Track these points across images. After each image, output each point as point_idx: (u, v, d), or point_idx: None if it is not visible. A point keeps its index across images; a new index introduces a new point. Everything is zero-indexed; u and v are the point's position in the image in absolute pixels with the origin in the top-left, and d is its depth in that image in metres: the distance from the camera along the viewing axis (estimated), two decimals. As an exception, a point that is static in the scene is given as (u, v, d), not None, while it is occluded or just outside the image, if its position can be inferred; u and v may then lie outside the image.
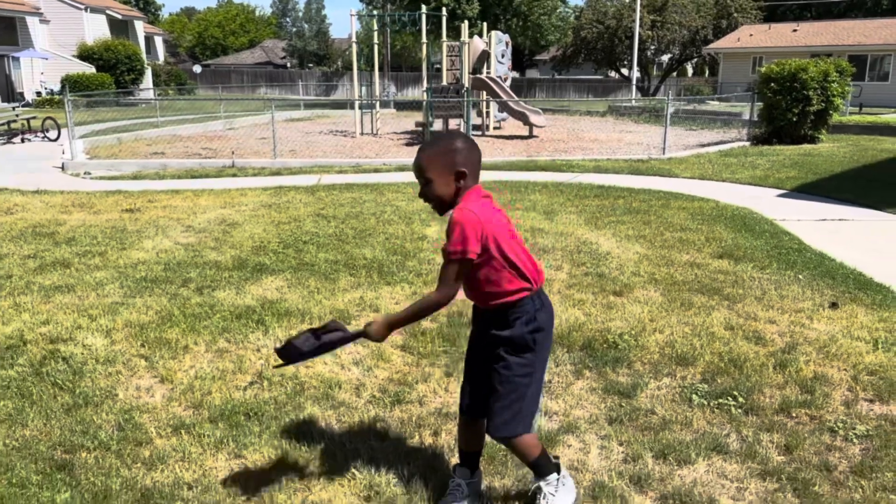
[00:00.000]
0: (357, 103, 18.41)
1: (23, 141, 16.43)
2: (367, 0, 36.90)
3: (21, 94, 32.92)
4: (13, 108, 19.45)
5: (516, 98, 19.24)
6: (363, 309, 4.66)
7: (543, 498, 2.45)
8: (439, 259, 5.82)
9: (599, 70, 50.25)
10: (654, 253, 6.11)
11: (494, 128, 19.83)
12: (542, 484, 2.46)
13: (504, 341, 2.37)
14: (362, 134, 18.05)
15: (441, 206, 2.40)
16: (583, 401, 3.41)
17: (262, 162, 12.35)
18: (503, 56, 20.04)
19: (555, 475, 2.47)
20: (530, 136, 17.87)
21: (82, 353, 3.91)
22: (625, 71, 43.83)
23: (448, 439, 3.04)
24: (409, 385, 3.55)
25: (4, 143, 15.92)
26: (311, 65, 63.58)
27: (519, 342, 2.36)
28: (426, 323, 4.36)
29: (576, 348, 4.04)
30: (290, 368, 3.66)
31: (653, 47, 42.26)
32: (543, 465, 2.46)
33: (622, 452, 2.95)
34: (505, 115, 19.99)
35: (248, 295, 4.94)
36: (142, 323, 4.39)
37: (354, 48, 18.80)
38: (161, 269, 5.63)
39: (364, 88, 24.80)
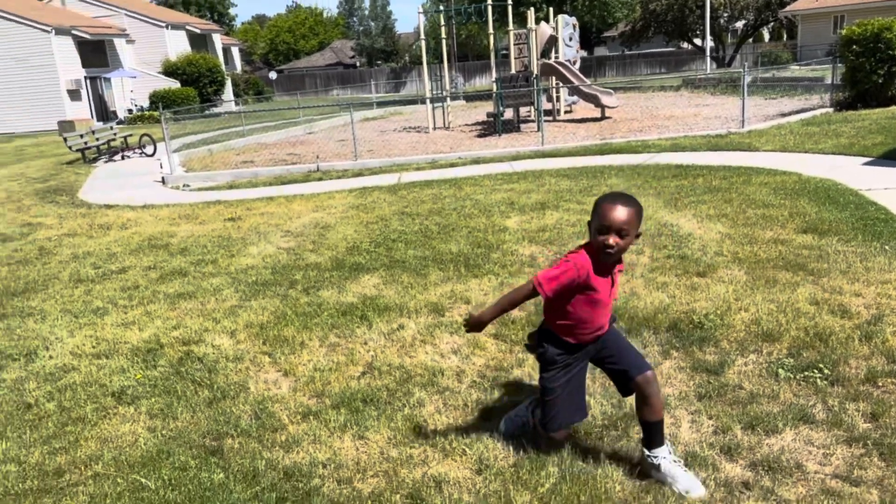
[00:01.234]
0: (428, 98, 18.80)
1: (123, 158, 17.65)
2: (432, -7, 37.18)
3: (114, 112, 35.07)
4: (111, 128, 20.86)
5: (586, 80, 19.16)
6: (455, 301, 4.99)
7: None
8: (521, 250, 6.04)
9: (671, 42, 48.87)
10: (737, 231, 6.18)
11: (566, 111, 19.82)
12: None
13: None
14: (435, 128, 18.43)
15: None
16: (672, 379, 3.62)
17: (344, 164, 12.90)
18: (571, 39, 19.97)
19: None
20: (603, 117, 17.80)
21: (213, 353, 4.40)
22: (697, 41, 42.48)
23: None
24: (505, 370, 3.85)
25: (107, 161, 17.16)
26: (378, 62, 64.58)
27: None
28: (515, 312, 4.65)
29: (662, 330, 4.23)
30: (396, 359, 4.04)
31: (725, 14, 40.78)
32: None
33: (712, 425, 3.15)
34: (576, 98, 19.95)
35: (350, 293, 5.36)
36: (260, 323, 4.86)
37: (423, 45, 19.16)
38: (269, 272, 6.14)
39: (434, 82, 25.20)
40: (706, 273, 5.14)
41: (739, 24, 45.10)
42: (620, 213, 2.58)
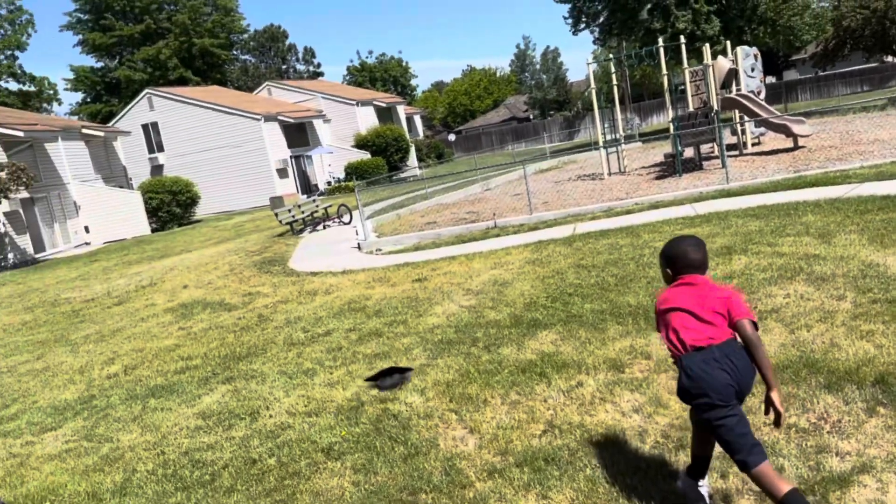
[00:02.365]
0: (601, 143, 18.75)
1: (324, 227, 19.44)
2: (602, 41, 37.33)
3: (315, 185, 38.75)
4: (314, 201, 23.09)
5: (773, 110, 18.06)
6: (635, 357, 4.96)
7: None
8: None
9: (872, 58, 44.50)
10: (958, 269, 5.52)
11: (753, 144, 18.77)
12: None
13: None
14: (610, 174, 18.29)
15: None
16: (878, 439, 3.35)
17: (519, 219, 13.24)
18: (752, 70, 19.02)
19: None
20: (795, 147, 16.61)
21: (406, 410, 4.76)
22: (905, 51, 38.35)
23: (736, 482, 3.21)
24: (689, 430, 3.77)
25: (311, 232, 18.99)
26: (552, 112, 65.39)
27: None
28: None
29: (867, 384, 3.91)
30: (576, 417, 4.11)
31: (938, 18, 36.52)
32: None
33: (927, 492, 2.88)
34: (763, 129, 18.85)
35: (528, 349, 5.52)
36: (447, 381, 5.17)
37: (594, 93, 19.26)
38: (453, 331, 6.49)
39: (607, 126, 25.12)
40: (920, 318, 4.66)
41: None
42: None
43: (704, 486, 3.15)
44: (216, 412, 5.36)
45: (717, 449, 3.05)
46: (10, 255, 24.66)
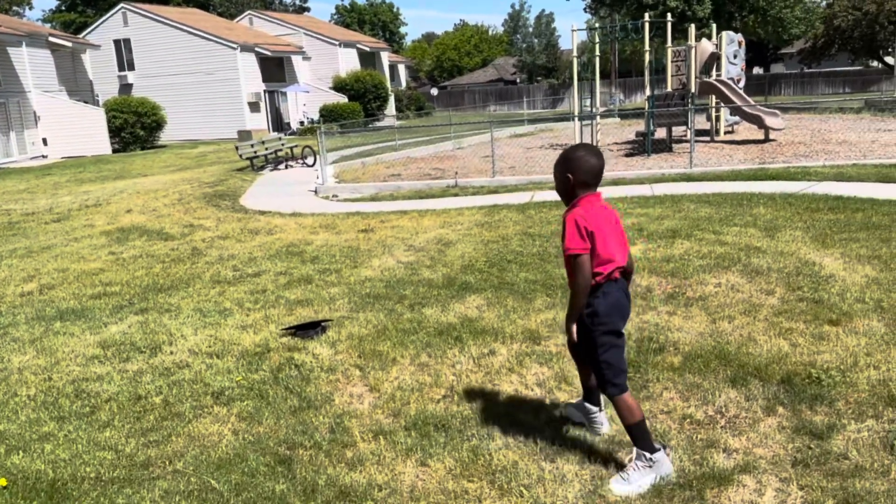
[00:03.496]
0: (576, 115, 18.51)
1: (286, 167, 19.00)
2: (594, 10, 36.73)
3: (288, 124, 37.90)
4: (279, 139, 22.54)
5: (749, 100, 17.96)
6: (553, 330, 4.84)
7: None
8: (638, 279, 5.83)
9: (857, 61, 44.59)
10: (888, 276, 5.48)
11: (726, 132, 18.70)
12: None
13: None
14: (583, 147, 18.08)
15: None
16: (768, 439, 3.27)
17: (481, 181, 13.02)
18: (735, 57, 18.84)
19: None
20: (766, 139, 16.58)
21: (311, 362, 4.59)
22: (890, 59, 38.43)
23: (619, 469, 3.11)
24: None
25: (272, 170, 18.55)
26: (539, 78, 64.67)
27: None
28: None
29: (773, 382, 3.84)
30: (478, 385, 3.99)
31: (927, 28, 36.59)
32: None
33: (801, 498, 2.80)
34: (738, 118, 18.77)
35: (452, 312, 5.37)
36: (361, 335, 5.01)
37: (575, 62, 18.92)
38: (383, 286, 6.31)
39: (587, 99, 24.79)
40: (839, 321, 4.60)
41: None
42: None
43: (600, 415, 3.39)
44: (118, 342, 5.13)
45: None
46: (-40, 160, 23.75)
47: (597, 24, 23.25)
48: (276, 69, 37.78)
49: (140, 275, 7.43)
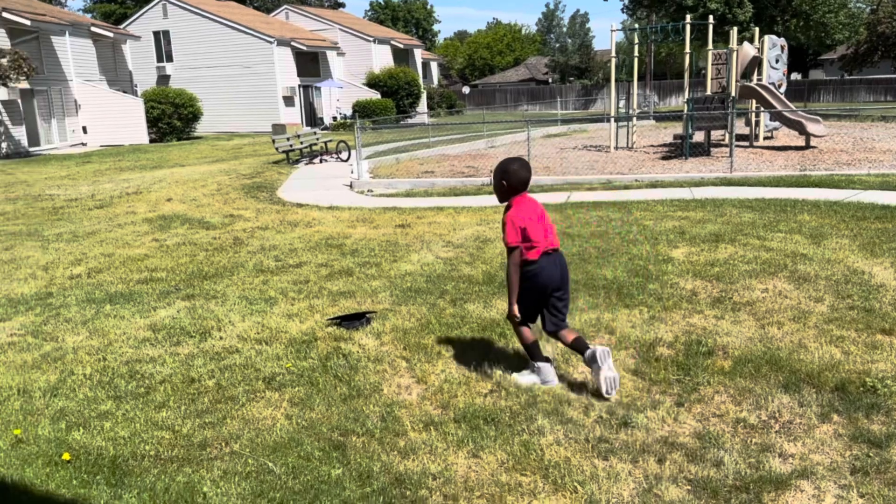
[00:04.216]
0: (612, 116, 18.39)
1: (321, 161, 19.15)
2: (632, 11, 36.43)
3: (321, 119, 38.17)
4: (314, 133, 22.72)
5: (790, 105, 17.68)
6: (598, 330, 4.83)
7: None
8: (683, 283, 5.71)
9: (902, 67, 43.60)
10: (942, 287, 5.38)
11: (765, 138, 18.45)
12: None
13: None
14: (617, 148, 17.99)
15: None
16: (824, 446, 3.24)
17: (518, 179, 12.98)
18: (777, 61, 18.56)
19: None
20: (807, 146, 16.32)
21: (358, 352, 4.64)
22: (937, 66, 37.50)
23: (673, 469, 3.11)
24: (637, 410, 3.66)
25: (307, 164, 18.71)
26: (571, 79, 64.29)
27: None
28: (662, 350, 4.41)
29: (826, 389, 3.80)
30: (528, 382, 4.00)
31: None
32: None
33: (862, 506, 2.78)
34: (777, 123, 18.50)
35: (494, 309, 5.39)
36: (405, 328, 5.05)
37: (613, 62, 18.80)
38: (423, 280, 6.34)
39: (623, 101, 24.63)
40: (893, 331, 4.53)
41: None
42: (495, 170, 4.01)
43: (592, 351, 3.88)
44: (168, 326, 5.24)
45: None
46: (4, 145, 24.32)
47: (635, 26, 23.06)
48: (310, 64, 38.07)
49: (184, 262, 7.56)
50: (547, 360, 4.06)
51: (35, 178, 17.20)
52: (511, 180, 3.84)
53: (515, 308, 3.88)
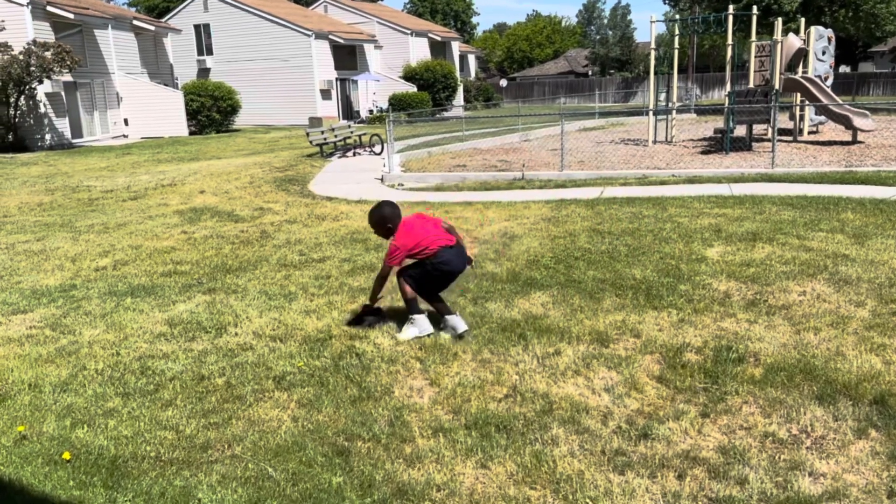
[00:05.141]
0: (651, 109, 17.97)
1: (354, 154, 19.13)
2: (674, 2, 35.61)
3: (357, 112, 38.26)
4: (348, 126, 22.73)
5: (837, 99, 17.03)
6: (623, 333, 4.63)
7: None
8: (716, 284, 5.46)
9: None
10: None
11: (810, 132, 17.82)
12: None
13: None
14: (655, 142, 17.57)
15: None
16: (860, 465, 3.01)
17: (549, 174, 12.76)
18: (824, 53, 17.89)
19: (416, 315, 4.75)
20: (854, 141, 15.70)
21: (372, 351, 4.52)
22: None
23: (693, 486, 2.92)
24: (659, 420, 3.47)
25: (340, 157, 18.71)
26: (612, 71, 63.32)
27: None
28: (689, 356, 4.20)
29: (864, 402, 3.55)
30: (542, 387, 3.83)
31: None
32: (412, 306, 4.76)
33: (900, 535, 2.55)
34: (823, 118, 17.85)
35: (516, 308, 5.22)
36: (422, 328, 4.90)
37: (653, 54, 18.35)
38: (445, 278, 6.19)
39: (662, 94, 24.08)
40: (941, 340, 4.23)
41: None
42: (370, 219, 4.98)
43: (454, 318, 4.76)
44: (185, 321, 5.19)
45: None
46: (48, 137, 24.89)
47: (677, 17, 22.51)
48: (347, 57, 38.14)
49: (210, 255, 7.55)
50: (422, 311, 4.75)
51: (75, 170, 17.53)
52: (392, 221, 4.84)
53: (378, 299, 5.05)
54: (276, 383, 4.07)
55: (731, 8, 16.94)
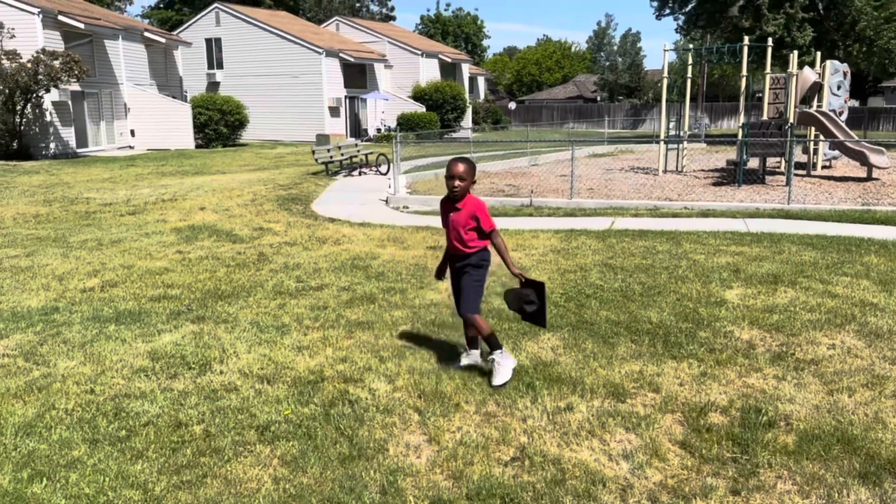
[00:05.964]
0: (662, 137, 17.69)
1: (360, 174, 18.86)
2: (686, 31, 35.54)
3: (365, 130, 38.11)
4: (355, 145, 22.48)
5: (853, 134, 16.73)
6: (641, 387, 4.26)
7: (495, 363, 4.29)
8: (738, 332, 5.08)
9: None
10: None
11: (823, 167, 17.50)
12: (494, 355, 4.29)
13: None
14: (665, 171, 17.27)
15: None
16: (918, 566, 2.62)
17: (558, 202, 12.44)
18: (839, 87, 17.63)
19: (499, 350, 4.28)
20: (868, 178, 15.38)
21: (367, 399, 4.16)
22: None
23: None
24: (684, 497, 3.09)
25: (346, 176, 18.44)
26: (620, 97, 63.29)
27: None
28: (715, 418, 3.82)
29: (913, 482, 3.17)
30: (554, 449, 3.47)
31: None
32: (494, 341, 4.30)
33: None
34: (836, 153, 17.55)
35: (524, 352, 4.86)
36: (422, 370, 4.55)
37: (665, 83, 18.11)
38: (449, 313, 5.84)
39: (673, 122, 23.84)
40: None
41: None
42: (456, 167, 4.29)
43: (474, 354, 4.59)
44: (168, 354, 4.84)
45: None
46: (53, 146, 24.71)
47: (689, 46, 22.31)
48: (357, 75, 38.08)
49: (203, 278, 7.21)
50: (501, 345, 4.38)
51: (77, 180, 17.29)
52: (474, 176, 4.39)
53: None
54: (259, 434, 3.70)
55: (746, 39, 16.71)
